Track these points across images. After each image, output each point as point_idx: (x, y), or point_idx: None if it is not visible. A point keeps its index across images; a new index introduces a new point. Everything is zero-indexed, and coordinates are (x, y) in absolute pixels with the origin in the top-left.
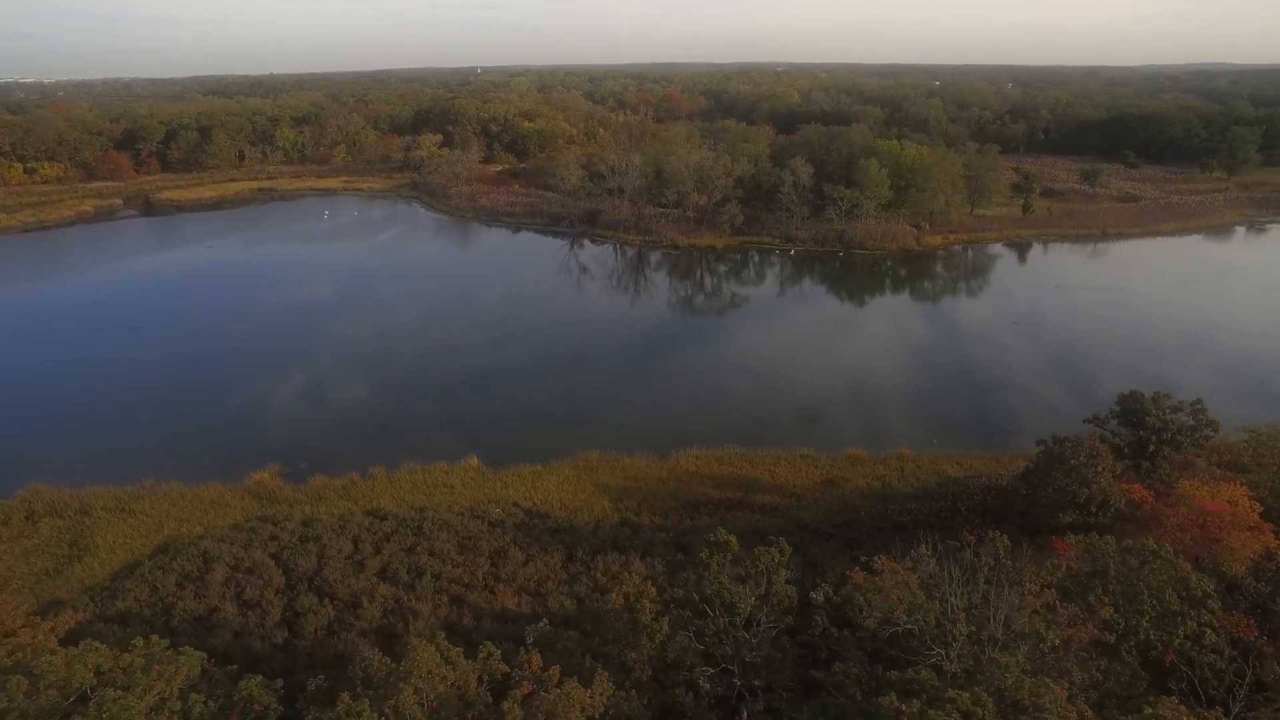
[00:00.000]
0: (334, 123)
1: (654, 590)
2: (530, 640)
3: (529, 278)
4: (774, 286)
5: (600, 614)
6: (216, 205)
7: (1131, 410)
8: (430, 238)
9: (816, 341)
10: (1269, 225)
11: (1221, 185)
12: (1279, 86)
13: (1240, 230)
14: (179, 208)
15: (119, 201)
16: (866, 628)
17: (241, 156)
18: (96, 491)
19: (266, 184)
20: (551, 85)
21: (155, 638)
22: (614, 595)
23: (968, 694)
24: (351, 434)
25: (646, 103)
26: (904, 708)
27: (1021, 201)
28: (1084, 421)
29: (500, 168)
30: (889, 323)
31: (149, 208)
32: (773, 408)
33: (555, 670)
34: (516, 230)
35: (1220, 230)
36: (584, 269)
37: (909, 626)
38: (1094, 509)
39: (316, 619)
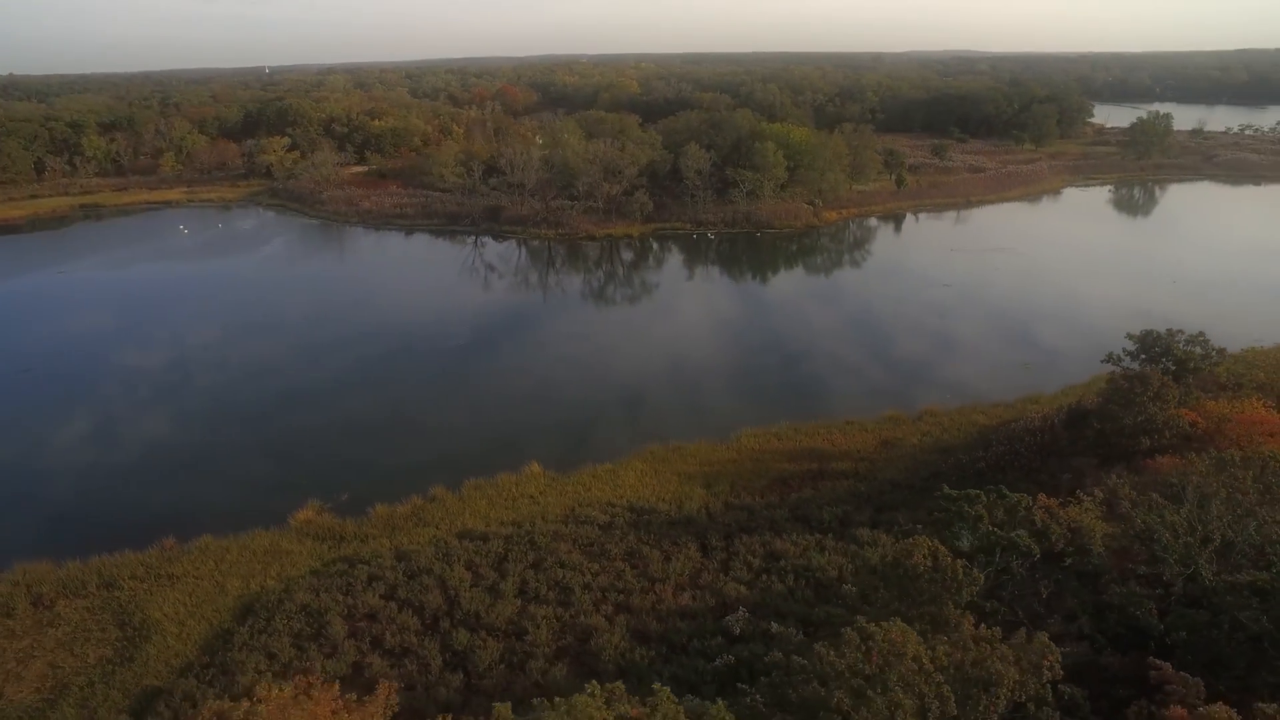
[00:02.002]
0: (152, 128)
1: (944, 547)
2: (737, 629)
3: (465, 281)
4: (715, 267)
5: (910, 574)
6: (32, 226)
7: (1152, 346)
8: (323, 247)
9: (781, 316)
10: (1089, 186)
11: (1036, 156)
12: (1028, 68)
13: (1070, 191)
14: None
15: None
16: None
17: (41, 168)
18: (110, 560)
19: (86, 199)
20: (369, 84)
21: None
22: (916, 555)
23: None
24: (382, 458)
25: (482, 97)
26: None
27: (892, 176)
28: (1101, 361)
29: (363, 169)
30: (835, 293)
31: None
32: (767, 381)
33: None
34: (410, 233)
35: (1054, 193)
36: (516, 269)
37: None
38: (1167, 433)
39: (487, 654)
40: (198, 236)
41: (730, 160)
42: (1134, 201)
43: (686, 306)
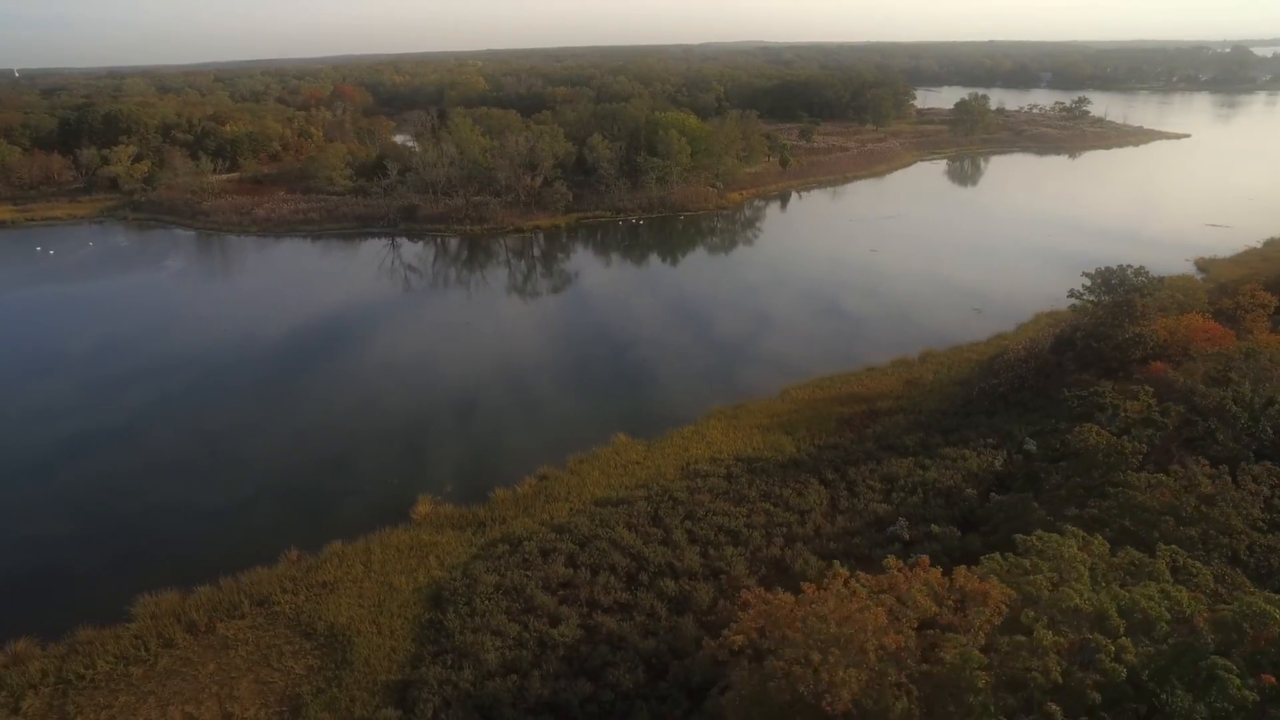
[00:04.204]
0: None
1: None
2: (906, 535)
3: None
4: (654, 250)
5: (1088, 453)
6: None
7: (1110, 279)
8: (235, 259)
9: (745, 288)
10: (934, 159)
11: (881, 135)
12: (828, 56)
13: (921, 164)
14: None
15: None
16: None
17: None
18: (250, 579)
19: None
20: (177, 87)
21: None
22: (1091, 438)
23: None
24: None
25: (317, 99)
26: None
27: (777, 158)
28: (1068, 295)
29: (232, 177)
30: (777, 264)
31: None
32: (764, 347)
33: None
34: (317, 239)
35: (911, 166)
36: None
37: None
38: (1150, 345)
39: (702, 595)
40: (68, 258)
41: (632, 149)
42: (965, 171)
43: (662, 288)
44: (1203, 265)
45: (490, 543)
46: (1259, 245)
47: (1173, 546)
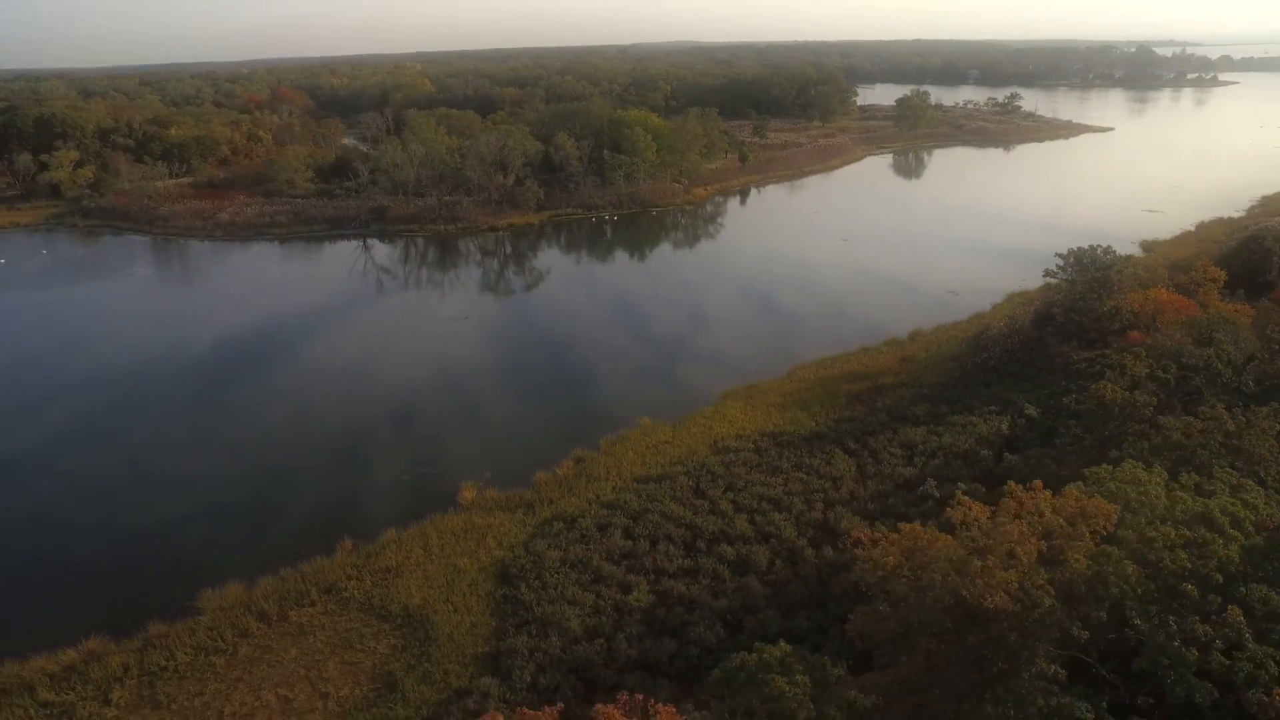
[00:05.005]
0: None
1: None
2: (936, 493)
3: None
4: (638, 244)
5: (1105, 406)
6: None
7: (1081, 259)
8: (208, 265)
9: (735, 275)
10: (884, 153)
11: (829, 131)
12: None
13: (871, 159)
14: None
15: None
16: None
17: None
18: (309, 570)
19: None
20: (100, 90)
21: None
22: (1109, 393)
23: None
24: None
25: (256, 103)
26: None
27: (737, 154)
28: (1044, 275)
29: (185, 181)
30: (759, 254)
31: None
32: (764, 325)
33: None
34: (286, 241)
35: (862, 160)
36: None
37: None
38: (1127, 316)
39: (760, 557)
40: (21, 266)
41: (596, 147)
42: (911, 165)
43: (655, 280)
44: (1147, 247)
45: (544, 522)
46: (1192, 228)
47: (1226, 469)
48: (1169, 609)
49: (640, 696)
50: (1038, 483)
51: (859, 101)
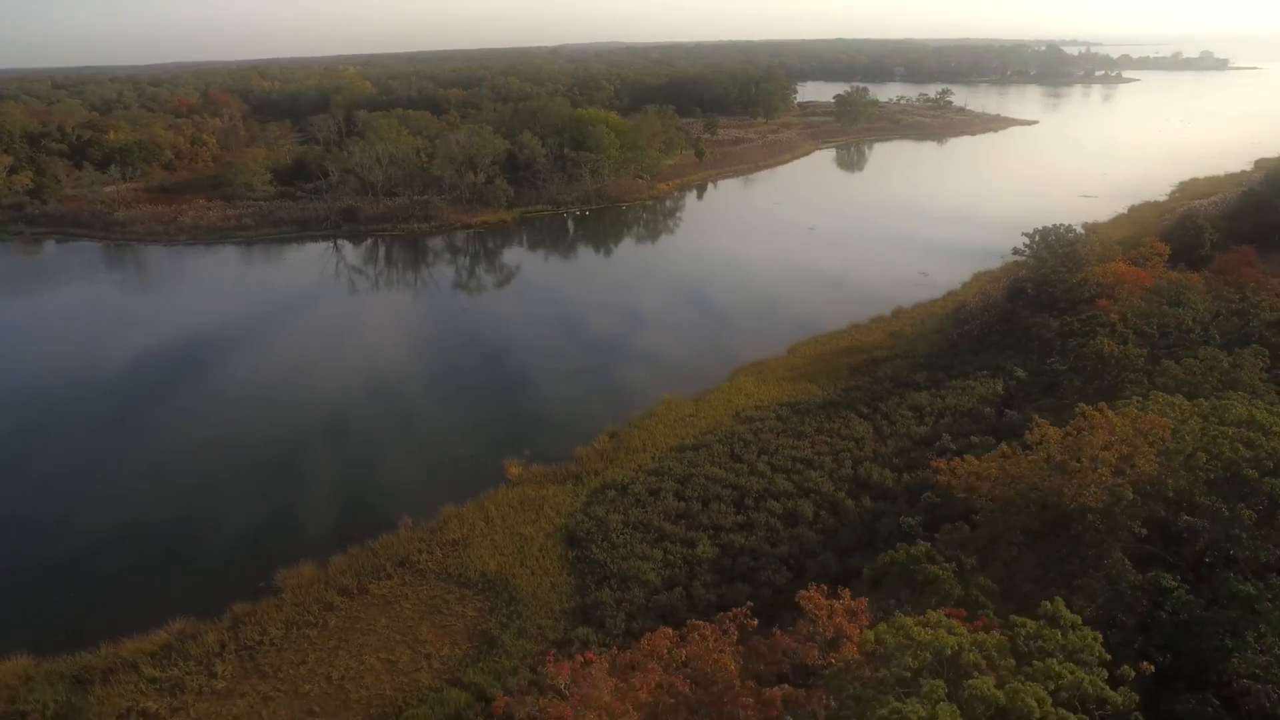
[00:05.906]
0: None
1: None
2: (953, 446)
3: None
4: (607, 239)
5: (1100, 358)
6: None
7: (1047, 237)
8: (186, 270)
9: (717, 263)
10: (829, 147)
11: (775, 127)
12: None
13: (819, 152)
14: None
15: None
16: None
17: None
18: (381, 545)
19: None
20: (11, 93)
21: None
22: (1106, 345)
23: None
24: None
25: (189, 107)
26: None
27: (694, 150)
28: (1012, 251)
29: (136, 186)
30: (735, 243)
31: None
32: (762, 309)
33: None
34: (253, 244)
35: (811, 154)
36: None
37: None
38: (1094, 286)
39: (804, 509)
40: None
41: (559, 145)
42: (853, 158)
43: (641, 272)
44: (1089, 229)
45: (596, 490)
46: (1125, 211)
47: (1241, 394)
48: (1232, 495)
49: (824, 586)
50: (1102, 404)
51: (798, 99)
